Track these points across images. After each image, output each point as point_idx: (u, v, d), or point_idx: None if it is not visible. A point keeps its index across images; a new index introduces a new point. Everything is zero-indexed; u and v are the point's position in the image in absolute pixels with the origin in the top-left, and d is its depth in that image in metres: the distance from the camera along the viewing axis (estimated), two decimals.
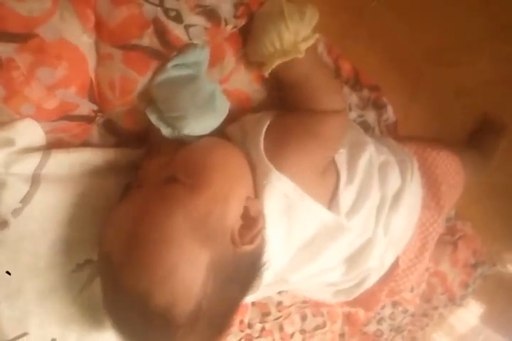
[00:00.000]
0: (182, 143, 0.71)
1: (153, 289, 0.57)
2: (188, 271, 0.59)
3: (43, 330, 0.69)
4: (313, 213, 0.72)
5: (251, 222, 0.65)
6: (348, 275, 0.86)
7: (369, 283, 0.90)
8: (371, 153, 0.85)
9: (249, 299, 0.70)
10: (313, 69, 0.77)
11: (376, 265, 0.88)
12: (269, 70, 0.73)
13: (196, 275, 0.59)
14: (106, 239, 0.62)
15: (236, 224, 0.64)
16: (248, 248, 0.64)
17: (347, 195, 0.78)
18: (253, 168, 0.70)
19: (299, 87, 0.77)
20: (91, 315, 0.72)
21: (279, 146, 0.70)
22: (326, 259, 0.78)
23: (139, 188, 0.66)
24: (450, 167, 1.01)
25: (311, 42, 0.72)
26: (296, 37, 0.71)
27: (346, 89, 0.97)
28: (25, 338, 0.68)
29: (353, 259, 0.84)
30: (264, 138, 0.70)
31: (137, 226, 0.60)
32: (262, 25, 0.72)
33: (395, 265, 0.95)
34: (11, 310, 0.66)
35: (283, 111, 0.78)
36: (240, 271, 0.64)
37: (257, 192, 0.69)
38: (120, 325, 0.62)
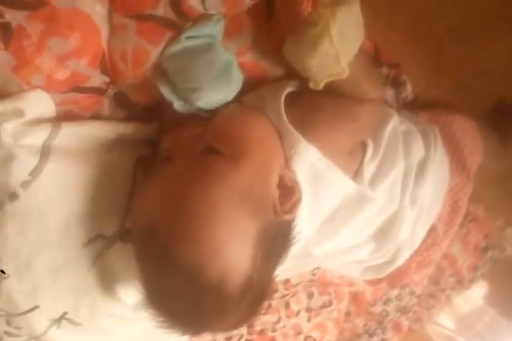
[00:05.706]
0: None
1: (206, 263, 0.57)
2: (239, 243, 0.59)
3: (54, 303, 0.70)
4: (337, 183, 0.71)
5: (288, 191, 0.64)
6: (379, 252, 0.85)
7: (401, 260, 0.89)
8: (395, 124, 0.83)
9: (280, 276, 0.70)
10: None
11: (406, 239, 0.86)
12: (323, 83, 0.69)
13: (247, 247, 0.59)
14: (145, 216, 0.61)
15: (275, 194, 0.63)
16: (288, 217, 0.64)
17: (371, 166, 0.78)
18: (279, 137, 0.69)
19: None
20: (103, 288, 0.72)
21: (309, 120, 0.69)
22: (351, 233, 0.78)
23: (169, 161, 0.64)
24: (468, 131, 0.99)
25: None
26: None
27: None
28: (36, 311, 0.69)
29: (382, 234, 0.83)
30: (288, 109, 0.68)
31: (182, 200, 0.59)
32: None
33: (432, 232, 0.94)
34: (21, 284, 0.66)
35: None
36: (279, 241, 0.64)
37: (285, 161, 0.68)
38: (164, 300, 0.61)
